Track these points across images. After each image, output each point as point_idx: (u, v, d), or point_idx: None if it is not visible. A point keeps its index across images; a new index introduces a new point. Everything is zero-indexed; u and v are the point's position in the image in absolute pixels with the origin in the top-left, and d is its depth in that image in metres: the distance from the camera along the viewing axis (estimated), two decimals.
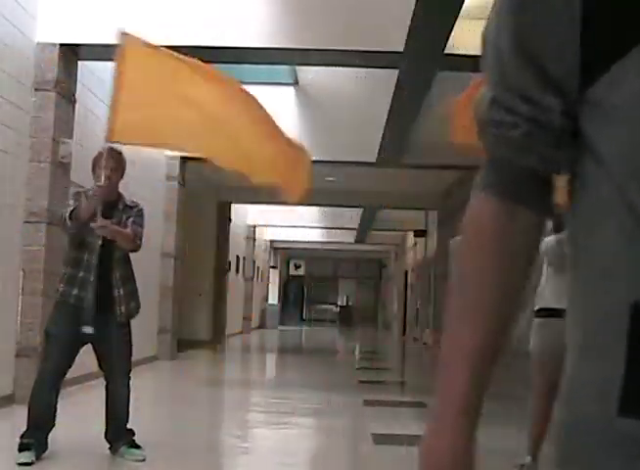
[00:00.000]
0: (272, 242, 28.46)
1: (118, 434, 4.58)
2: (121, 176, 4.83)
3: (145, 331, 10.21)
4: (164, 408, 4.84)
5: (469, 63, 6.84)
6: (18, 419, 5.84)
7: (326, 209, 19.66)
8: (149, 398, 7.60)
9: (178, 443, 4.85)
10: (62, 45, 6.61)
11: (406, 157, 11.01)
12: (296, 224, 21.65)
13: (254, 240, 22.96)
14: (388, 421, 6.62)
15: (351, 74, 9.28)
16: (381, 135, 9.80)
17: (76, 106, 6.99)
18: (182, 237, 11.27)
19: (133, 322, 4.91)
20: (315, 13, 6.52)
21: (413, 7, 5.68)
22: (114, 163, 4.74)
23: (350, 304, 39.31)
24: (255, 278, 24.19)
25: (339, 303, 39.40)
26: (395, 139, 10.01)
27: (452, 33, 6.14)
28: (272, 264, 30.96)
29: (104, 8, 6.64)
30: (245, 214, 20.15)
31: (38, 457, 4.40)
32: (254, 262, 23.53)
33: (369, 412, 6.97)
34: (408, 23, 5.94)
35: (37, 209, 6.41)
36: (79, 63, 7.01)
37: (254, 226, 22.18)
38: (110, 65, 8.29)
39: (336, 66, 8.14)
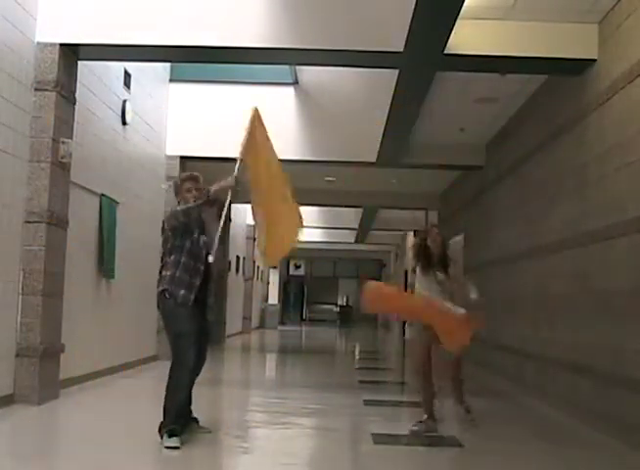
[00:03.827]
0: None
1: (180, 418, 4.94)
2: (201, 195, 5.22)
3: (145, 331, 10.22)
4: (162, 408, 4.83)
5: (469, 63, 6.85)
6: (18, 419, 5.85)
7: (326, 209, 19.64)
8: (149, 397, 7.59)
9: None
10: (62, 45, 6.61)
11: (406, 157, 11.02)
12: None
13: (255, 240, 22.90)
14: (388, 421, 6.62)
15: (351, 74, 9.28)
16: (381, 135, 9.80)
17: (76, 106, 6.99)
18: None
19: (133, 321, 4.99)
20: (315, 13, 6.52)
21: (413, 7, 5.68)
22: (197, 184, 5.29)
23: (350, 303, 39.28)
24: (255, 278, 24.18)
25: (339, 302, 39.37)
26: (395, 139, 10.00)
27: (452, 33, 6.14)
28: None
29: (104, 8, 6.64)
30: (245, 214, 20.14)
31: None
32: (254, 262, 23.52)
33: (369, 412, 6.97)
34: (408, 22, 5.94)
35: (37, 209, 6.41)
36: (79, 63, 7.01)
37: (255, 226, 22.11)
38: (110, 64, 8.34)
39: (336, 66, 8.13)
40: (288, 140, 10.77)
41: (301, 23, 6.54)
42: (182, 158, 11.01)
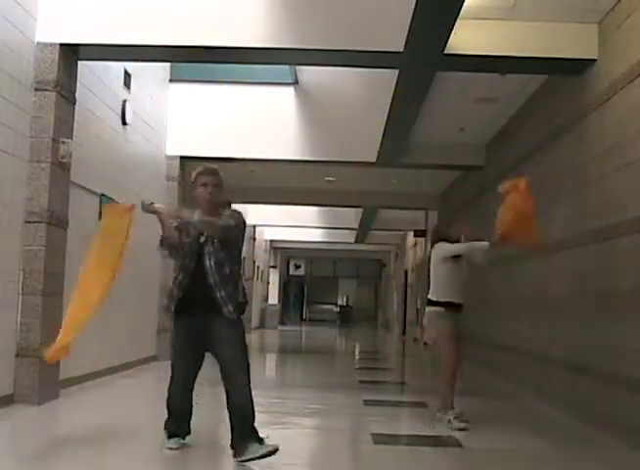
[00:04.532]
0: (272, 242, 28.45)
1: (244, 434, 4.50)
2: (221, 192, 4.80)
3: (145, 331, 10.22)
4: (164, 408, 4.82)
5: (469, 63, 6.85)
6: (18, 419, 5.85)
7: (326, 209, 19.65)
8: (149, 397, 7.60)
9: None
10: (62, 45, 6.60)
11: (406, 157, 11.02)
12: (296, 224, 21.64)
13: (254, 240, 22.96)
14: (388, 421, 6.61)
15: (351, 75, 9.28)
16: (381, 135, 9.80)
17: (76, 106, 6.98)
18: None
19: (134, 322, 4.94)
20: (315, 13, 6.52)
21: (413, 7, 5.68)
22: (215, 179, 4.75)
23: (350, 303, 39.30)
24: (255, 278, 24.18)
25: (339, 302, 39.39)
26: (395, 139, 10.00)
27: (452, 33, 6.14)
28: (272, 264, 30.95)
29: (104, 8, 6.64)
30: (244, 214, 20.16)
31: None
32: (254, 262, 23.52)
33: (369, 412, 6.97)
34: (408, 22, 5.94)
35: (37, 209, 6.41)
36: (79, 63, 7.01)
37: (254, 226, 22.17)
38: (110, 64, 8.33)
39: (336, 66, 8.14)
40: (288, 140, 10.78)
41: (301, 23, 6.54)
42: (182, 158, 11.01)
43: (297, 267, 37.96)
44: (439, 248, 6.41)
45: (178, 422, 4.80)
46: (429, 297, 6.44)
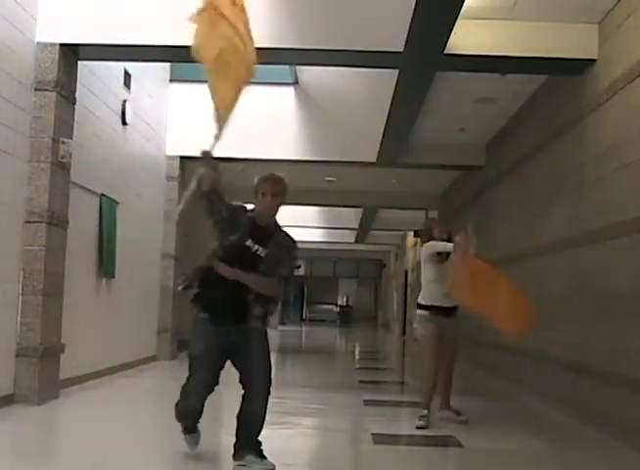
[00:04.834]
0: None
1: (249, 443, 4.50)
2: (281, 203, 4.53)
3: (145, 331, 10.22)
4: (164, 408, 4.82)
5: (469, 63, 6.85)
6: (18, 419, 5.85)
7: (326, 209, 19.64)
8: (149, 397, 7.59)
9: (178, 442, 4.84)
10: (62, 45, 6.60)
11: (406, 157, 11.01)
12: (296, 224, 21.62)
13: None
14: (388, 421, 6.62)
15: (351, 74, 9.28)
16: (381, 135, 9.80)
17: (76, 106, 6.98)
18: (182, 237, 11.26)
19: (133, 321, 4.90)
20: (315, 13, 6.51)
21: (413, 7, 5.68)
22: (275, 188, 4.48)
23: (350, 303, 39.30)
24: None
25: (338, 302, 39.39)
26: (395, 139, 10.00)
27: (452, 33, 6.14)
28: None
29: (104, 8, 6.64)
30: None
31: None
32: None
33: (369, 412, 6.97)
34: (408, 22, 5.94)
35: (37, 209, 6.41)
36: (79, 63, 7.01)
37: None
38: (110, 64, 8.33)
39: (336, 66, 8.13)
40: (288, 140, 10.78)
41: (301, 23, 6.54)
42: (182, 158, 11.00)
43: (298, 267, 37.94)
44: (424, 248, 6.47)
45: (192, 417, 4.72)
46: (417, 299, 6.48)
